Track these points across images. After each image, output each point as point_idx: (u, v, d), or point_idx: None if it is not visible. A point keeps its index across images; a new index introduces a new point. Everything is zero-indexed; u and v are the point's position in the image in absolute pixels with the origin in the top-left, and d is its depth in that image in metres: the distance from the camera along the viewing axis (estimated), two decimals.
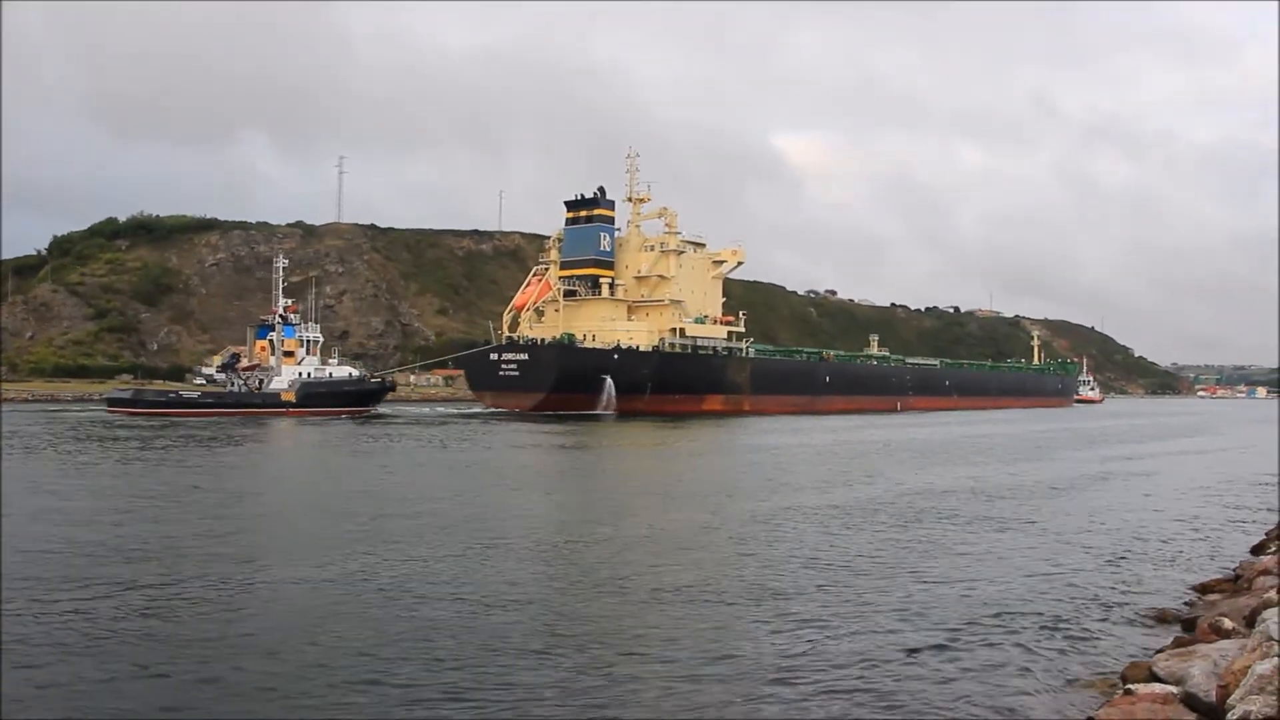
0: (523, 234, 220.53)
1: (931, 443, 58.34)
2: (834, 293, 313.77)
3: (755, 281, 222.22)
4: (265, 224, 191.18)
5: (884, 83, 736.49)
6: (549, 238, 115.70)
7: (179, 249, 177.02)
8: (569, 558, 19.42)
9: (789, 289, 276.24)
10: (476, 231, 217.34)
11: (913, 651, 12.96)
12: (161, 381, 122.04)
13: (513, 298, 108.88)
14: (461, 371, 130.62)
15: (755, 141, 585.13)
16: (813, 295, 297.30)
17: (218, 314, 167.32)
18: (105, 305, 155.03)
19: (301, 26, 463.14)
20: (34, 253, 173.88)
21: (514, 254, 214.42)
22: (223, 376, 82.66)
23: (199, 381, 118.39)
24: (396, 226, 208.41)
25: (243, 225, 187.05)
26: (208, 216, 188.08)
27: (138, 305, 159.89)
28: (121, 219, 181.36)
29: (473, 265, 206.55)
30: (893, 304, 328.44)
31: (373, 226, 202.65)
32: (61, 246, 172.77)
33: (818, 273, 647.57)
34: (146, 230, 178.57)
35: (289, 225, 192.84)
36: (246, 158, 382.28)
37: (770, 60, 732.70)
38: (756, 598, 16.00)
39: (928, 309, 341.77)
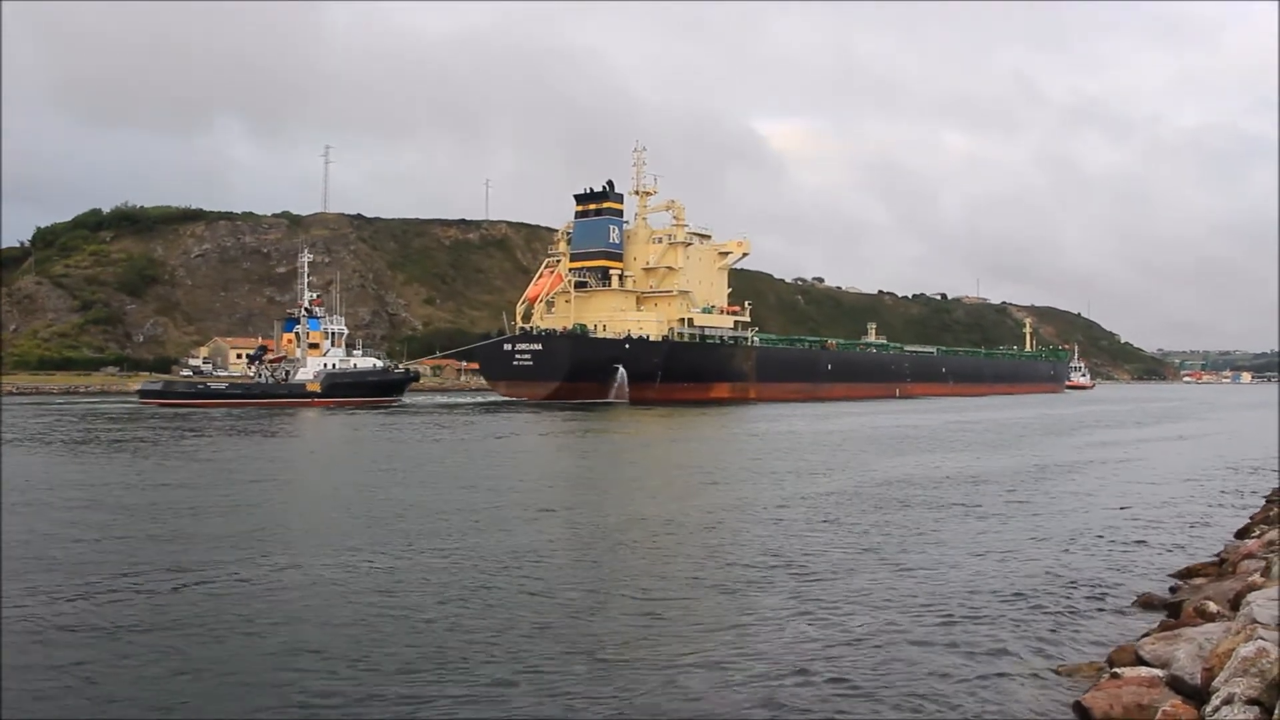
0: (509, 223, 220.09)
1: (929, 429, 58.76)
2: (821, 280, 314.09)
3: (742, 269, 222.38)
4: (251, 214, 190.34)
5: (866, 67, 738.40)
6: (536, 226, 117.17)
7: (164, 240, 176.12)
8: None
9: (776, 276, 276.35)
10: (463, 221, 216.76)
11: (899, 638, 13.02)
12: (148, 374, 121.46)
13: (500, 287, 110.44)
14: (450, 362, 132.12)
15: (738, 127, 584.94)
16: (800, 282, 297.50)
17: (204, 305, 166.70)
18: (90, 297, 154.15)
19: (273, 9, 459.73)
20: (17, 244, 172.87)
21: (501, 243, 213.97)
22: (209, 368, 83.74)
23: (185, 373, 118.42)
24: (383, 216, 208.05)
25: (228, 216, 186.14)
26: (192, 207, 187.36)
27: (123, 297, 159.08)
28: (105, 210, 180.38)
29: (459, 255, 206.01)
30: (880, 291, 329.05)
31: (359, 216, 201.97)
32: (45, 238, 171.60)
33: (804, 259, 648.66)
34: (131, 221, 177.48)
35: (275, 215, 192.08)
36: (222, 145, 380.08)
37: (751, 46, 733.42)
38: (742, 586, 16.07)
39: (915, 296, 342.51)
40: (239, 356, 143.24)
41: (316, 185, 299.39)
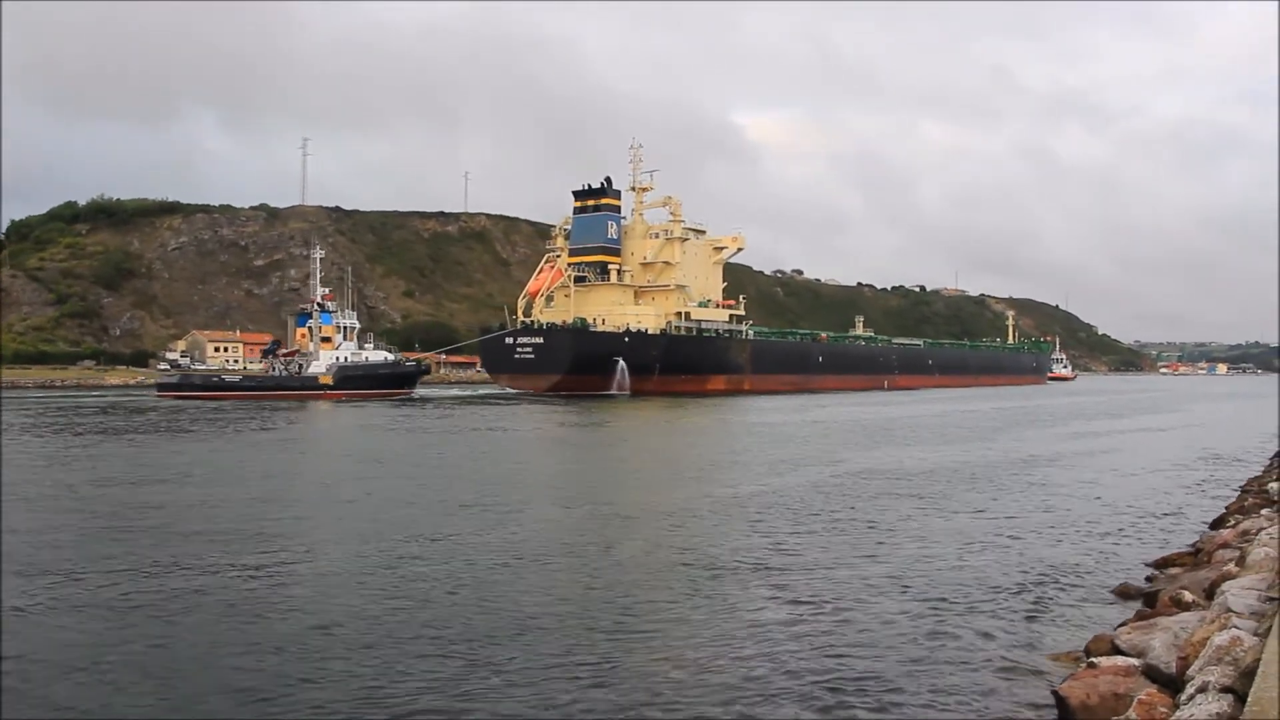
0: (489, 215, 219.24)
1: (916, 420, 59.29)
2: (800, 272, 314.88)
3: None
4: (228, 206, 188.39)
5: (844, 59, 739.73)
6: (515, 218, 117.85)
7: (140, 233, 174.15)
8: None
9: (755, 269, 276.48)
10: (442, 213, 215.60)
11: (879, 627, 13.08)
12: (125, 367, 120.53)
13: (480, 279, 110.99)
14: (432, 356, 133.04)
15: (716, 119, 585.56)
16: (779, 275, 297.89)
17: (181, 298, 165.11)
18: (66, 290, 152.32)
19: (249, 7, 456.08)
20: None
21: (480, 235, 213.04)
22: (186, 361, 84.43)
23: (163, 367, 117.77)
24: (361, 209, 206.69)
25: (205, 208, 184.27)
26: (169, 200, 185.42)
27: (99, 290, 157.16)
28: (81, 202, 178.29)
29: (438, 247, 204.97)
30: (859, 283, 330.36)
31: (337, 209, 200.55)
32: (19, 230, 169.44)
33: (783, 251, 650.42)
34: (107, 214, 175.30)
35: (252, 208, 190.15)
36: (198, 138, 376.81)
37: (729, 37, 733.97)
38: (724, 578, 16.09)
39: (894, 288, 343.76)
40: (217, 350, 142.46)
41: (294, 177, 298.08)
